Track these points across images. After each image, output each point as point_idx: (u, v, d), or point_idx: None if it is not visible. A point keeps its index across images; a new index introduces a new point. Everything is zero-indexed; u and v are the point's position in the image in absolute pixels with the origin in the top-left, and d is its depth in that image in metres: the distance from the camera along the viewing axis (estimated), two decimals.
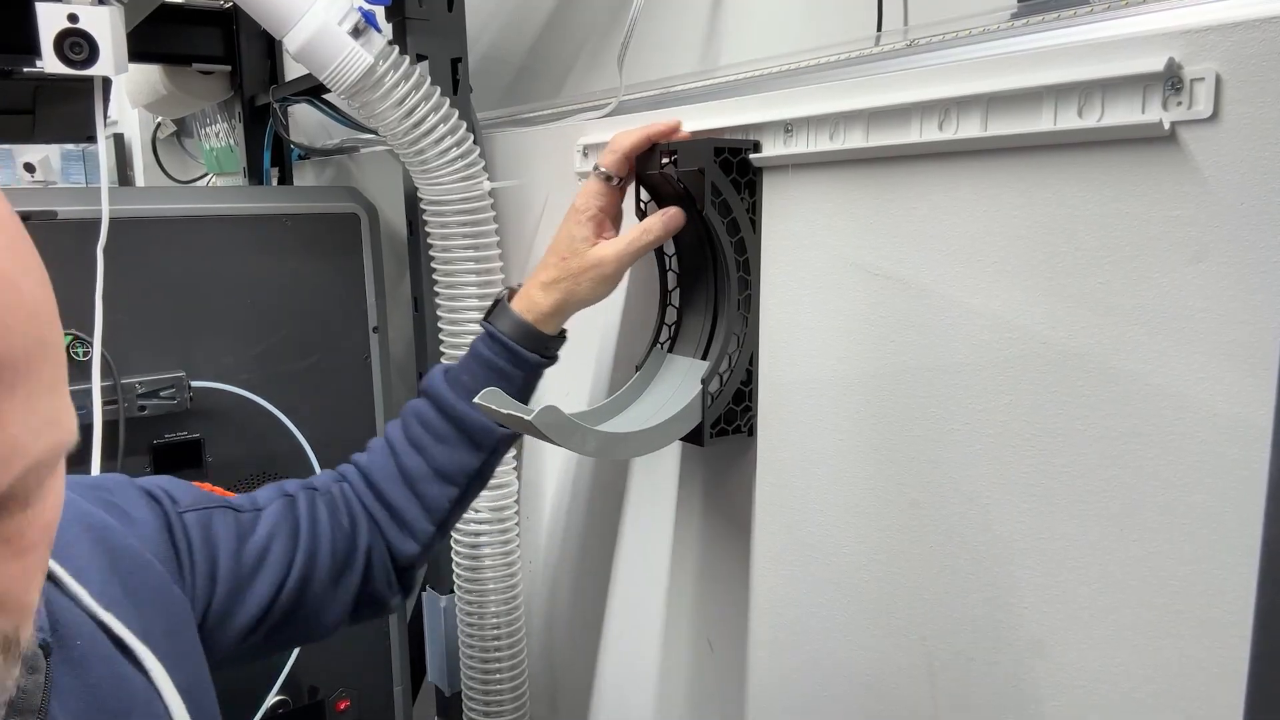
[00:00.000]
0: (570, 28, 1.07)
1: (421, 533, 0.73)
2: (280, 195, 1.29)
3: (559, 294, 0.73)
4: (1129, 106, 0.46)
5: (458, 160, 0.91)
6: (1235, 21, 0.42)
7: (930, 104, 0.55)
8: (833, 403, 0.66)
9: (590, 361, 0.94)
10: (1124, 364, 0.48)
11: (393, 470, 0.74)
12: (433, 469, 0.73)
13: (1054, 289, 0.51)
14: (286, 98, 1.34)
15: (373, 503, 0.73)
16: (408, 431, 0.74)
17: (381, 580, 0.73)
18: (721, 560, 0.79)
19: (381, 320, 1.21)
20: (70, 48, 0.93)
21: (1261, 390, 0.43)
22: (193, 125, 1.91)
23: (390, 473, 0.74)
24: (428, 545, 0.74)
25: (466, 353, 0.75)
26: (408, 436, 0.74)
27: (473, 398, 0.69)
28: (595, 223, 0.72)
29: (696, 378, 0.70)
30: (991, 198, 0.54)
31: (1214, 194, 0.44)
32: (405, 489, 0.73)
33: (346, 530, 0.71)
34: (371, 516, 0.73)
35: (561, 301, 0.73)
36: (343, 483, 0.74)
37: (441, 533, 0.75)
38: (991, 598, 0.56)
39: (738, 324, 0.70)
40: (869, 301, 0.62)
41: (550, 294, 0.73)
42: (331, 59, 0.83)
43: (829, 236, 0.64)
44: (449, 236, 0.94)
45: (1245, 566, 0.44)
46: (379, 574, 0.73)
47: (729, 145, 0.67)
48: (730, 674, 0.79)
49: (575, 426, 0.64)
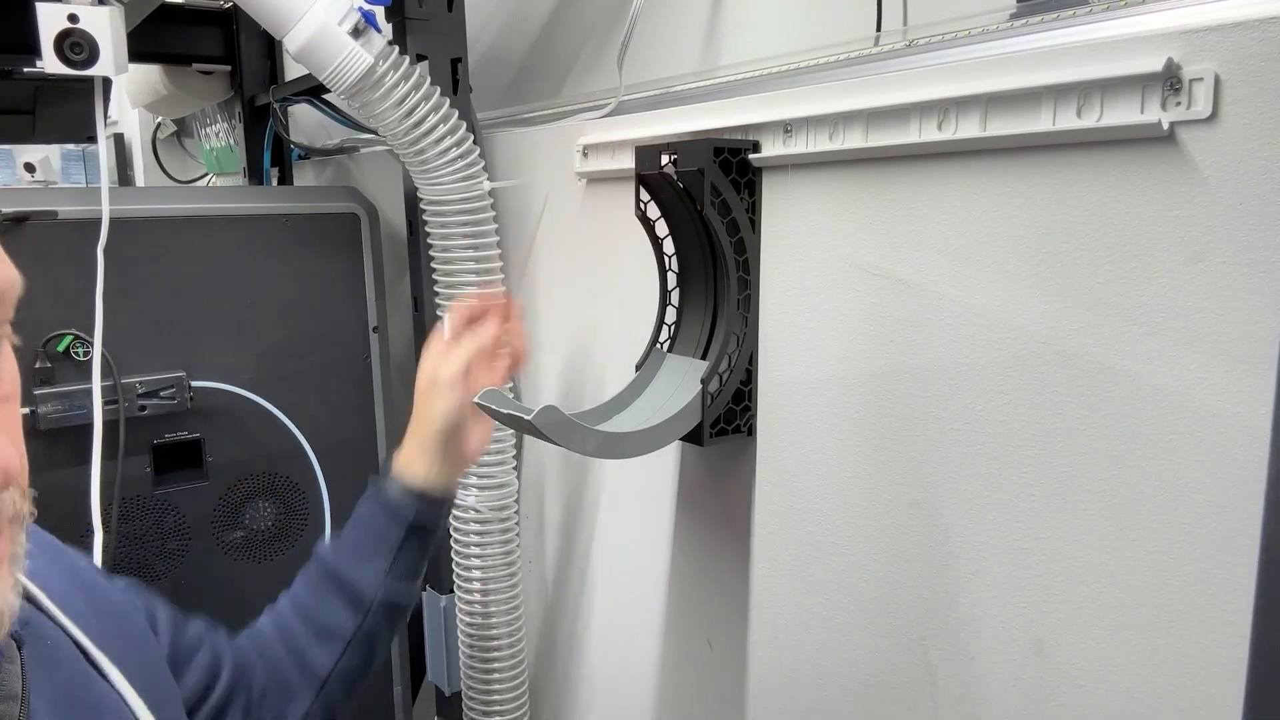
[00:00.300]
0: (570, 28, 1.07)
1: (301, 692, 0.69)
2: (280, 195, 1.29)
3: (413, 427, 0.74)
4: (1128, 107, 0.46)
5: (458, 160, 0.91)
6: (1234, 22, 0.42)
7: (929, 104, 0.55)
8: (832, 402, 0.66)
9: (590, 361, 0.94)
10: (1123, 364, 0.48)
11: (273, 627, 0.71)
12: (310, 626, 0.70)
13: (1053, 289, 0.51)
14: (286, 98, 1.34)
15: (255, 659, 0.70)
16: (291, 590, 0.73)
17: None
18: (721, 560, 0.79)
19: (381, 320, 1.21)
20: (70, 48, 0.93)
21: (1260, 390, 0.43)
22: (193, 125, 1.91)
23: (270, 629, 0.71)
24: (316, 708, 0.70)
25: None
26: (290, 595, 0.73)
27: (349, 554, 0.70)
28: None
29: (696, 377, 0.70)
30: (991, 198, 0.54)
31: (1213, 194, 0.44)
32: (282, 645, 0.70)
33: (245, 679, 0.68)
34: (253, 673, 0.69)
35: (416, 431, 0.74)
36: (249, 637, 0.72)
37: (336, 696, 0.71)
38: (991, 597, 0.56)
39: (737, 324, 0.70)
40: (868, 301, 0.62)
41: (410, 439, 0.74)
42: (331, 59, 0.83)
43: (828, 236, 0.65)
44: (449, 236, 0.94)
45: (1244, 566, 0.44)
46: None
47: (728, 145, 0.67)
48: (730, 674, 0.79)
49: (575, 426, 0.64)
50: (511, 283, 1.03)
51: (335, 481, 1.18)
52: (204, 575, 1.12)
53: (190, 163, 2.05)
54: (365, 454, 1.22)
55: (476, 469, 0.99)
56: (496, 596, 1.00)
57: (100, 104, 1.01)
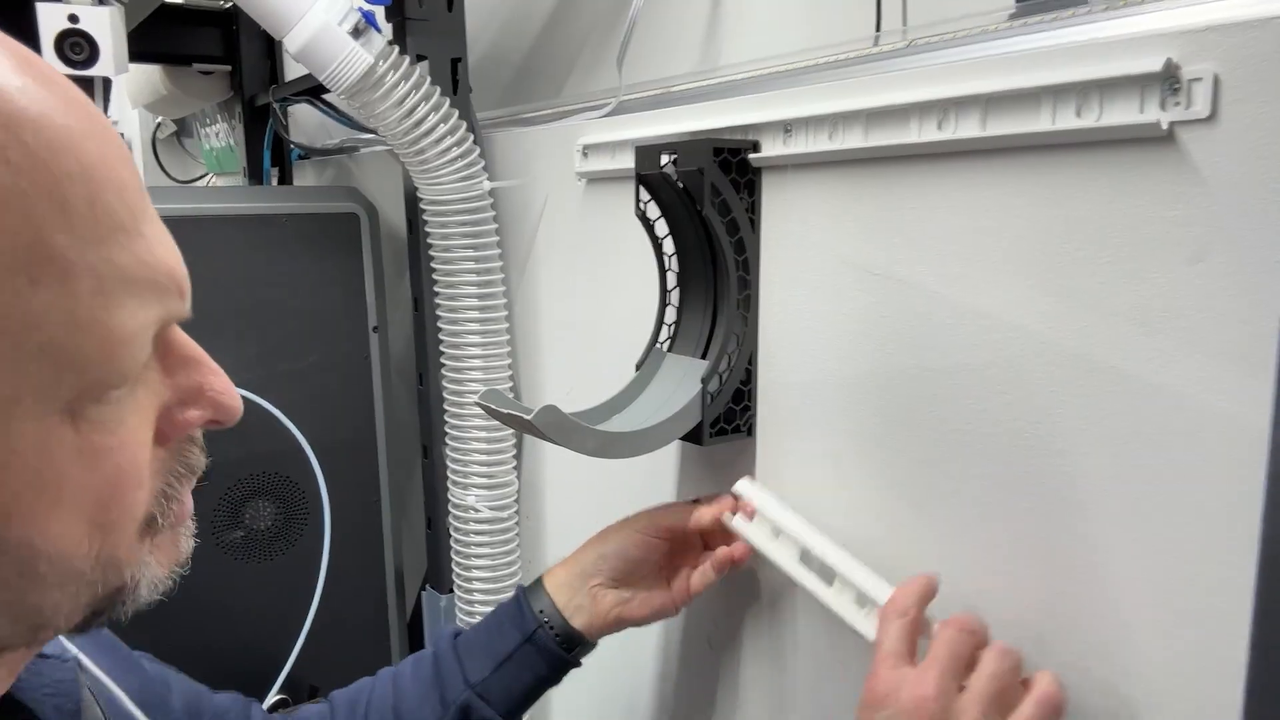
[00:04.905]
0: (570, 28, 1.07)
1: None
2: (280, 195, 1.29)
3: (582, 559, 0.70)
4: (1127, 107, 0.46)
5: (458, 160, 0.91)
6: (1233, 22, 0.42)
7: (929, 104, 0.55)
8: (832, 402, 0.66)
9: (590, 361, 0.94)
10: (1123, 364, 0.48)
11: (362, 699, 0.69)
12: (395, 707, 0.68)
13: (1053, 288, 0.51)
14: (286, 98, 1.34)
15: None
16: (398, 669, 0.71)
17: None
18: None
19: (381, 320, 1.21)
20: (70, 48, 0.93)
21: (1261, 390, 0.43)
22: (193, 125, 1.91)
23: (357, 700, 0.70)
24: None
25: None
26: (394, 673, 0.71)
27: (465, 646, 0.68)
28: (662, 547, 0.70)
29: (696, 377, 0.70)
30: (990, 198, 0.54)
31: (1212, 194, 0.44)
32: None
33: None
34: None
35: (581, 566, 0.70)
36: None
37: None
38: (992, 597, 0.56)
39: (737, 323, 0.70)
40: (868, 301, 0.62)
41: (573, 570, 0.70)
42: (331, 59, 0.83)
43: (828, 236, 0.65)
44: (449, 236, 0.95)
45: (1244, 565, 0.44)
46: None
47: (728, 145, 0.67)
48: (730, 674, 0.79)
49: (575, 426, 0.64)
50: (511, 282, 1.03)
51: (335, 481, 1.17)
52: (204, 575, 1.11)
53: (190, 163, 2.05)
54: (365, 454, 1.22)
55: (478, 467, 0.99)
56: (497, 596, 1.00)
57: (100, 104, 1.02)
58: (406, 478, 1.29)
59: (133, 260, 0.30)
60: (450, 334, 0.98)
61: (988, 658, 0.50)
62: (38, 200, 0.27)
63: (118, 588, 0.33)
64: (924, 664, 0.50)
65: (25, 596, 0.30)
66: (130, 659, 0.55)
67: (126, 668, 0.53)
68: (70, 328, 0.28)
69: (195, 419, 0.36)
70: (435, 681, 0.69)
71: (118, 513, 0.31)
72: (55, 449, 0.29)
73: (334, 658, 1.22)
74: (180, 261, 0.33)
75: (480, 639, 0.70)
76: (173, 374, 0.34)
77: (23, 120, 0.27)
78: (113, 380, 0.30)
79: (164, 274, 0.32)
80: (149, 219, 0.32)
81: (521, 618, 0.69)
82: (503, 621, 0.70)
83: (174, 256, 0.33)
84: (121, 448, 0.31)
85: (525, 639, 0.68)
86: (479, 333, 0.97)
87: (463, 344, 0.98)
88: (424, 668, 0.70)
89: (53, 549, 0.29)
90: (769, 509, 0.66)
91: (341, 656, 1.23)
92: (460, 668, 0.68)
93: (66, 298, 0.28)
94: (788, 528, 0.64)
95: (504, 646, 0.68)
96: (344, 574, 1.19)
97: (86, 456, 0.30)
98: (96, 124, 0.30)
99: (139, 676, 0.53)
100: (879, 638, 0.53)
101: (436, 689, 0.68)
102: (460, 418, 0.99)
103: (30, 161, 0.27)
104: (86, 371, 0.29)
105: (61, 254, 0.28)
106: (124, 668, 0.52)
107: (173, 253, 0.33)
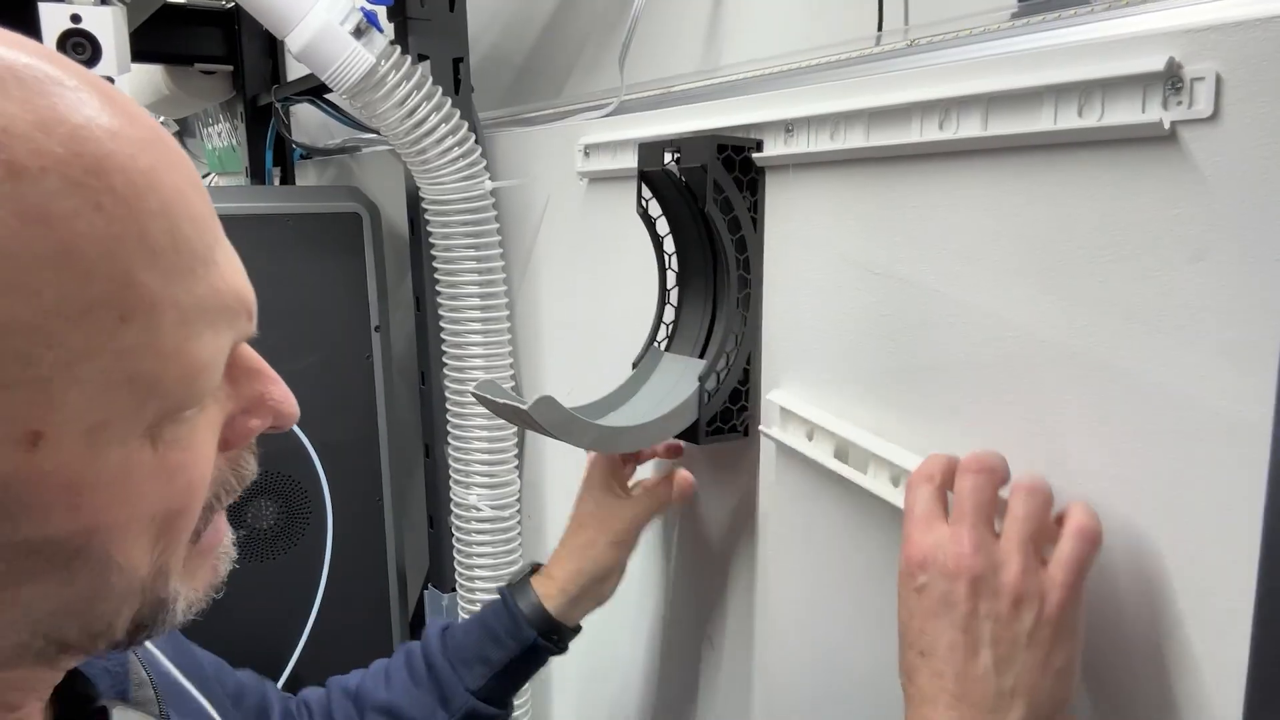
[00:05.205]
0: (571, 28, 1.07)
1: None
2: (282, 195, 1.29)
3: (563, 555, 0.74)
4: (1129, 106, 0.46)
5: (459, 160, 0.91)
6: (1235, 21, 0.42)
7: (931, 103, 0.55)
8: (832, 402, 0.66)
9: (590, 361, 0.94)
10: (1124, 363, 0.48)
11: (353, 693, 0.72)
12: (390, 706, 0.70)
13: (1054, 288, 0.51)
14: (288, 97, 1.34)
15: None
16: (389, 664, 0.74)
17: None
18: (721, 557, 0.79)
19: (383, 319, 1.22)
20: (73, 48, 0.93)
21: (1261, 390, 0.43)
22: (195, 125, 1.91)
23: (350, 694, 0.72)
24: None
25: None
26: (386, 668, 0.73)
27: (459, 651, 0.71)
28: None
29: (694, 376, 0.70)
30: (992, 197, 0.54)
31: (1214, 193, 0.44)
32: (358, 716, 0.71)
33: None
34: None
35: (565, 563, 0.74)
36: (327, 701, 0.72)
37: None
38: None
39: (736, 323, 0.70)
40: (869, 300, 0.62)
41: (564, 566, 0.74)
42: (333, 59, 0.83)
43: (829, 235, 0.65)
44: (450, 236, 0.95)
45: (1245, 566, 0.44)
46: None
47: (732, 142, 0.67)
48: (730, 671, 0.79)
49: (572, 419, 0.64)
50: (513, 282, 1.03)
51: (337, 481, 1.18)
52: None
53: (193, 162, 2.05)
54: (367, 453, 1.22)
55: (480, 466, 0.99)
56: None
57: None
58: (408, 477, 1.29)
59: (209, 290, 0.32)
60: (452, 333, 0.98)
61: (1016, 500, 0.48)
62: (126, 241, 0.29)
63: (161, 599, 0.34)
64: (953, 520, 0.48)
65: (96, 606, 0.32)
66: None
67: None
68: (155, 358, 0.30)
69: (257, 427, 0.37)
70: (431, 685, 0.71)
71: (183, 524, 0.33)
72: (136, 469, 0.30)
73: (337, 657, 1.22)
74: (247, 282, 0.35)
75: (473, 645, 0.72)
76: (236, 384, 0.35)
77: (112, 166, 0.29)
78: (190, 402, 0.32)
79: (234, 299, 0.34)
80: (220, 244, 0.34)
81: (518, 628, 0.72)
82: (495, 630, 0.72)
83: (242, 279, 0.35)
84: (194, 463, 0.33)
85: (525, 648, 0.72)
86: (481, 332, 0.97)
87: (464, 343, 0.98)
88: (418, 667, 0.72)
89: (124, 560, 0.31)
90: (803, 412, 0.67)
91: (344, 655, 1.23)
92: (456, 674, 0.71)
93: (152, 331, 0.29)
94: (823, 424, 0.65)
95: (501, 655, 0.71)
96: (346, 573, 1.20)
97: (163, 473, 0.31)
98: (172, 154, 0.32)
99: (171, 637, 0.55)
100: (907, 504, 0.52)
101: (433, 693, 0.71)
102: (462, 417, 0.99)
103: (121, 207, 0.29)
104: (168, 397, 0.30)
105: (148, 291, 0.29)
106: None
107: (240, 275, 0.35)
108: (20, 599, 0.30)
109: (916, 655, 0.49)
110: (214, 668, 0.60)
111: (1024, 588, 0.46)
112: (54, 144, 0.27)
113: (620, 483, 0.76)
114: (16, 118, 0.27)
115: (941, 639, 0.47)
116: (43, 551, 0.29)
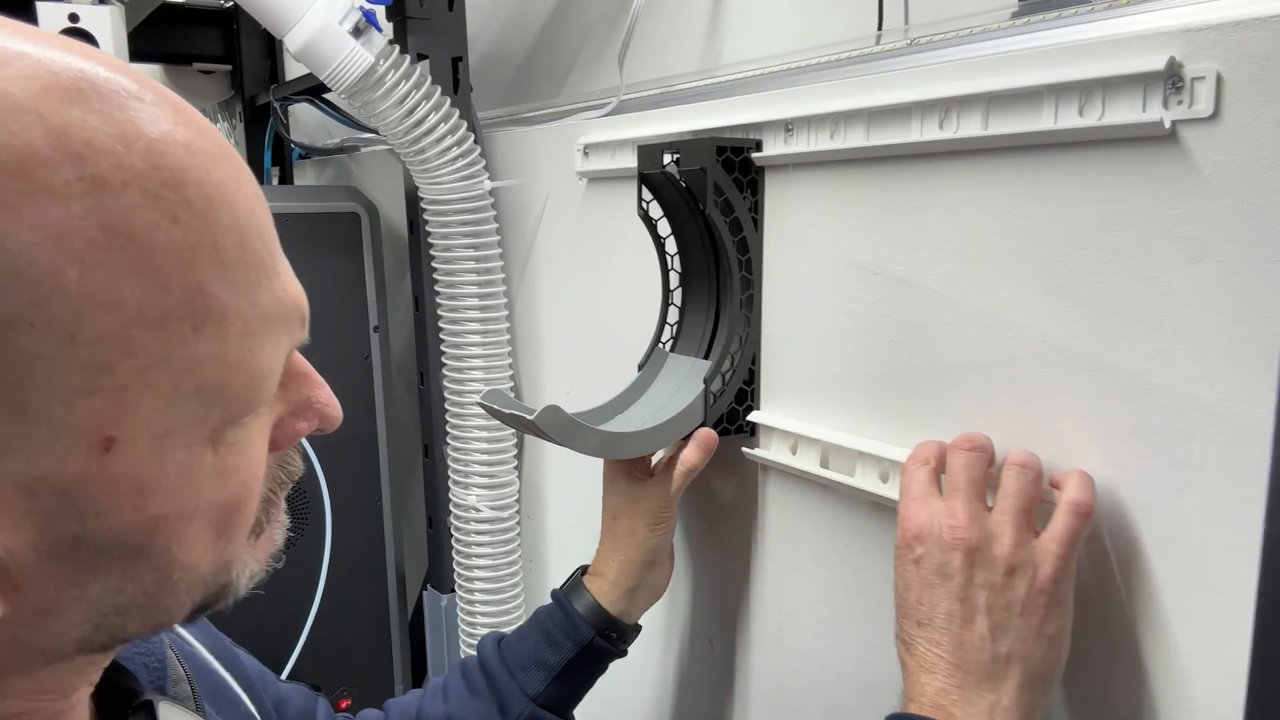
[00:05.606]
0: (571, 27, 1.07)
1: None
2: (281, 194, 1.29)
3: (608, 551, 0.71)
4: (1130, 105, 0.46)
5: (458, 159, 0.91)
6: (1236, 20, 0.42)
7: (931, 103, 0.55)
8: (835, 402, 0.66)
9: (591, 361, 0.94)
10: (1125, 363, 0.48)
11: (412, 708, 0.70)
12: (447, 714, 0.69)
13: (1054, 288, 0.51)
14: (287, 97, 1.34)
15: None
16: (446, 680, 0.72)
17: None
18: (722, 558, 0.79)
19: (382, 319, 1.21)
20: None
21: (1261, 390, 0.43)
22: None
23: (409, 715, 0.70)
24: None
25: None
26: (443, 684, 0.72)
27: (515, 657, 0.69)
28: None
29: (699, 377, 0.70)
30: (992, 197, 0.54)
31: (1214, 193, 0.44)
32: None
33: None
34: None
35: (613, 556, 0.71)
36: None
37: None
38: None
39: (740, 323, 0.70)
40: (871, 300, 0.62)
41: (611, 559, 0.71)
42: (332, 58, 0.83)
43: (830, 235, 0.65)
44: (449, 236, 0.95)
45: (1245, 566, 0.44)
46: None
47: (731, 144, 0.67)
48: (730, 672, 0.79)
49: (577, 426, 0.64)
50: (512, 282, 1.03)
51: (336, 481, 1.18)
52: None
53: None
54: (366, 454, 1.22)
55: (479, 467, 0.99)
56: (498, 596, 1.00)
57: None
58: (407, 477, 1.29)
59: (272, 300, 0.33)
60: (451, 333, 0.98)
61: (1008, 475, 0.50)
62: (200, 253, 0.29)
63: (224, 584, 0.36)
64: (947, 495, 0.51)
65: (158, 600, 0.33)
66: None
67: (199, 624, 0.55)
68: (221, 368, 0.31)
69: (304, 429, 0.38)
70: (489, 693, 0.70)
71: (240, 521, 0.34)
72: (198, 472, 0.31)
73: (335, 657, 1.22)
74: (301, 290, 0.36)
75: (529, 649, 0.71)
76: (285, 388, 0.36)
77: (189, 180, 0.29)
78: (250, 409, 0.33)
79: (292, 307, 0.34)
80: (280, 254, 0.35)
81: (574, 627, 0.70)
82: (551, 631, 0.70)
83: (298, 288, 0.36)
84: (249, 464, 0.34)
85: (581, 648, 0.69)
86: (480, 332, 0.97)
87: (464, 343, 0.98)
88: (474, 678, 0.71)
89: (186, 558, 0.32)
90: (786, 425, 0.68)
91: (343, 656, 1.24)
92: (514, 680, 0.69)
93: (220, 342, 0.30)
94: (806, 434, 0.66)
95: (558, 658, 0.69)
96: (345, 574, 1.19)
97: (221, 475, 0.32)
98: (238, 168, 0.33)
99: (211, 634, 0.56)
100: (903, 485, 0.53)
101: (493, 701, 0.69)
102: (461, 417, 0.99)
103: (196, 220, 0.29)
104: (231, 405, 0.32)
105: (218, 302, 0.30)
106: (198, 625, 0.55)
107: (296, 284, 0.36)
108: (86, 595, 0.30)
109: (914, 625, 0.51)
110: (259, 673, 0.60)
111: (1017, 558, 0.48)
112: (135, 158, 0.28)
113: (641, 468, 0.74)
114: (99, 132, 0.28)
115: (939, 608, 0.49)
116: (109, 550, 0.30)
